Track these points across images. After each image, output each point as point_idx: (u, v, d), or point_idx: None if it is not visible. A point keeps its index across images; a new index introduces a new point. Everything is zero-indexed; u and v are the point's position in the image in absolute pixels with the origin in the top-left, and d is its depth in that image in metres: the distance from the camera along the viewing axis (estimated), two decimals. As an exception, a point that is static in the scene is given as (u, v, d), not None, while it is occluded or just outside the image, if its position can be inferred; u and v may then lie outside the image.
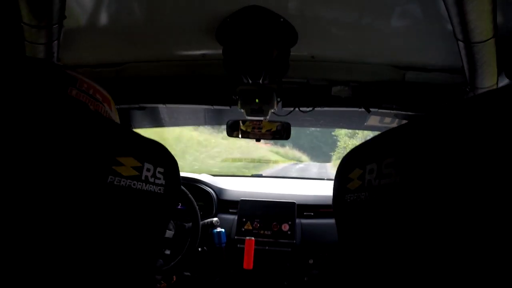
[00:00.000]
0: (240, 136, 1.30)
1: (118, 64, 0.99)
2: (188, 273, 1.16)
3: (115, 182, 0.34)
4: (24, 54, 0.68)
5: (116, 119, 0.50)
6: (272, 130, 1.27)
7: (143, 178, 0.37)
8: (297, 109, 1.08)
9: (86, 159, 0.32)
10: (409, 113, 1.05)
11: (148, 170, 0.37)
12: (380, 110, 1.04)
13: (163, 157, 0.40)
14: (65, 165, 0.31)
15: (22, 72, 0.39)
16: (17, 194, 0.29)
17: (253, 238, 1.19)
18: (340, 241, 0.43)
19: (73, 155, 0.32)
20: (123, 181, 0.35)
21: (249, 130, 1.28)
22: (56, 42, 0.71)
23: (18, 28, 0.63)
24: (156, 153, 0.39)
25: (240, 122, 1.26)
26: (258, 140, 1.31)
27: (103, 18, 0.78)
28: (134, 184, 0.36)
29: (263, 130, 1.28)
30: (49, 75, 0.41)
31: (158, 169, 0.39)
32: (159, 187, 0.39)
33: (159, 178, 0.39)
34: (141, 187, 0.37)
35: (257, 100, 1.01)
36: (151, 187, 0.38)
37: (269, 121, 1.22)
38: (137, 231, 0.38)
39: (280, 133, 1.26)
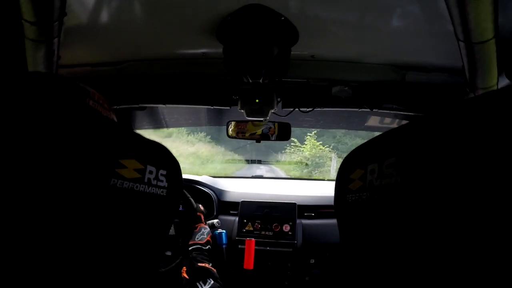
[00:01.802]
0: (240, 137, 1.29)
1: (118, 63, 0.99)
2: None
3: (118, 185, 0.34)
4: (24, 52, 0.68)
5: None
6: (272, 131, 1.27)
7: (145, 180, 0.36)
8: (297, 109, 1.08)
9: (90, 162, 0.32)
10: (409, 113, 1.05)
11: (150, 172, 0.37)
12: (380, 111, 1.04)
13: (165, 160, 0.40)
14: (69, 167, 0.31)
15: (43, 87, 0.40)
16: (21, 196, 0.29)
17: (253, 238, 1.19)
18: (342, 241, 0.43)
19: (78, 157, 0.32)
20: (126, 184, 0.35)
21: (248, 131, 1.28)
22: (56, 39, 0.71)
23: (18, 25, 0.63)
24: (158, 156, 0.39)
25: (240, 123, 1.26)
26: (258, 141, 1.30)
27: (104, 16, 0.78)
28: (136, 187, 0.36)
29: (263, 131, 1.28)
30: (69, 88, 0.46)
31: (161, 171, 0.38)
32: (161, 190, 0.39)
33: (162, 181, 0.39)
34: (144, 189, 0.36)
35: (257, 100, 1.01)
36: (153, 189, 0.38)
37: (269, 122, 1.22)
38: (140, 233, 0.38)
39: (280, 134, 1.25)
